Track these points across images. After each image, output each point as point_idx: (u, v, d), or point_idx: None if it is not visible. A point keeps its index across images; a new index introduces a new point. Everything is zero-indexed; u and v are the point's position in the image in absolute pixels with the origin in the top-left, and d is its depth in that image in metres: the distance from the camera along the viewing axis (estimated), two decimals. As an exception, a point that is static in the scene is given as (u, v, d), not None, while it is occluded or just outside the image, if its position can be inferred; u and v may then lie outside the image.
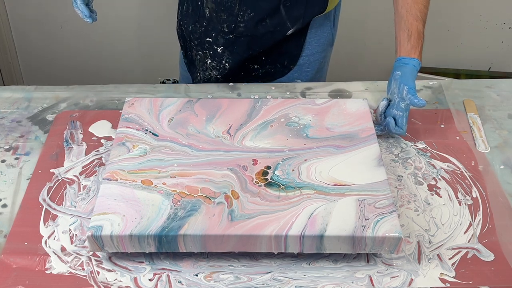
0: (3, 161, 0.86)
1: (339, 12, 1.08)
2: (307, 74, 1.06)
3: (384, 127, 0.89)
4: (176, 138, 0.81)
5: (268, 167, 0.77)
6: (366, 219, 0.70)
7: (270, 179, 0.75)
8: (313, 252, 0.71)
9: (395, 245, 0.69)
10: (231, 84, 1.02)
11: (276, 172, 0.76)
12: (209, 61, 1.03)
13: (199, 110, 0.86)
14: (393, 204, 0.72)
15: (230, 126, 0.84)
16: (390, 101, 0.89)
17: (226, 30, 0.99)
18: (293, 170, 0.77)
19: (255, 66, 1.05)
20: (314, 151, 0.80)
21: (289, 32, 0.99)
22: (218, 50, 1.01)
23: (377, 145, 0.80)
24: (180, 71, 1.20)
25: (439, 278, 0.71)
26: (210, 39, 1.01)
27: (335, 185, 0.74)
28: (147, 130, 0.83)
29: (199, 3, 1.01)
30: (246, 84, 1.02)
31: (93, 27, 1.70)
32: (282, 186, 0.74)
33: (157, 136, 0.82)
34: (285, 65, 1.05)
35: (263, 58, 1.04)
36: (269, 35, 0.99)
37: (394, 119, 0.87)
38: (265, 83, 1.03)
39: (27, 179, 0.83)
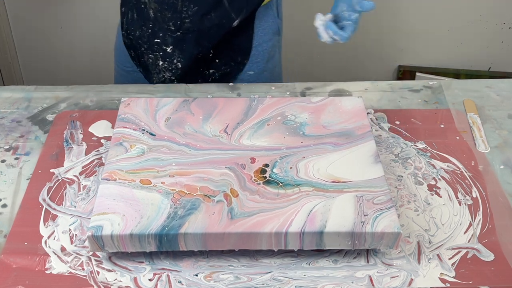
0: (3, 161, 0.86)
1: (281, 1, 1.09)
2: (258, 64, 1.07)
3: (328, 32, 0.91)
4: (173, 137, 0.82)
5: (266, 165, 0.77)
6: (365, 215, 0.70)
7: (269, 177, 0.75)
8: (313, 248, 0.71)
9: (394, 240, 0.69)
10: (231, 84, 1.02)
11: (275, 170, 0.76)
12: (160, 62, 1.03)
13: (196, 109, 0.87)
14: (391, 199, 0.72)
15: (227, 125, 0.84)
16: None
17: (173, 28, 0.99)
18: (291, 167, 0.77)
19: (211, 71, 1.05)
20: (311, 149, 0.80)
21: (235, 23, 0.99)
22: (168, 50, 1.01)
23: (373, 142, 0.81)
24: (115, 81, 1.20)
25: (439, 278, 0.71)
26: (159, 40, 1.01)
27: (333, 182, 0.75)
28: (144, 130, 0.83)
29: (142, 6, 1.01)
30: (246, 84, 1.03)
31: (93, 27, 1.70)
32: (280, 184, 0.74)
33: (154, 135, 0.82)
34: (239, 61, 1.05)
35: (217, 61, 1.04)
36: (215, 28, 0.99)
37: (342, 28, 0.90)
38: (265, 83, 1.03)
39: (27, 179, 0.83)
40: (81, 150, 0.88)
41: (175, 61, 1.02)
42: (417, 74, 1.77)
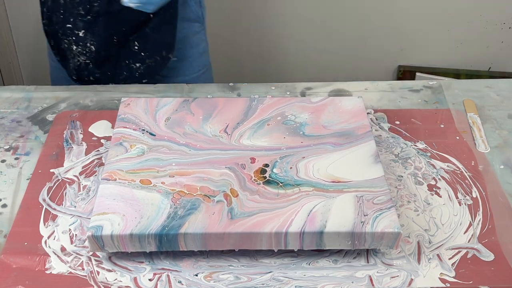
0: (3, 161, 0.86)
1: None
2: (180, 51, 1.10)
3: None
4: (173, 137, 0.82)
5: (266, 165, 0.77)
6: (365, 215, 0.70)
7: (269, 177, 0.76)
8: (313, 248, 0.71)
9: (394, 240, 0.70)
10: (231, 84, 1.02)
11: (274, 170, 0.76)
12: (74, 47, 1.05)
13: (196, 109, 0.87)
14: (391, 199, 0.72)
15: (227, 125, 0.84)
16: None
17: (83, 13, 1.01)
18: (291, 167, 0.77)
19: (137, 65, 1.07)
20: (311, 149, 0.80)
21: (151, 9, 1.01)
22: (80, 34, 1.03)
23: (373, 142, 0.81)
24: (51, 78, 1.23)
25: (439, 278, 0.71)
26: (70, 25, 1.03)
27: (333, 182, 0.75)
28: (144, 130, 0.83)
29: None
30: (246, 84, 1.03)
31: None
32: (280, 184, 0.74)
33: (154, 135, 0.82)
34: (163, 55, 1.07)
35: (143, 54, 1.06)
36: (126, 12, 1.00)
37: None
38: (265, 83, 1.03)
39: (27, 179, 0.83)
40: (81, 150, 0.88)
41: (88, 44, 1.04)
42: (417, 74, 1.77)
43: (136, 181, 0.74)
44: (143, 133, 0.82)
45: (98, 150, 0.88)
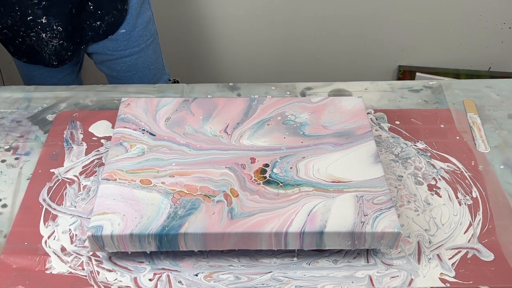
0: (3, 161, 0.86)
1: None
2: (129, 21, 1.13)
3: None
4: (173, 137, 0.82)
5: (266, 165, 0.77)
6: (365, 215, 0.70)
7: (269, 177, 0.76)
8: (313, 248, 0.71)
9: (394, 240, 0.70)
10: (231, 84, 1.02)
11: (275, 170, 0.76)
12: (43, 34, 1.08)
13: (196, 109, 0.87)
14: (391, 200, 0.72)
15: (227, 125, 0.84)
16: None
17: (36, 1, 1.04)
18: (291, 167, 0.77)
19: (98, 23, 1.10)
20: (311, 149, 0.80)
21: None
22: (44, 21, 1.06)
23: (374, 142, 0.81)
24: (22, 79, 1.25)
25: (439, 278, 0.71)
26: (31, 16, 1.05)
27: (333, 182, 0.75)
28: (144, 130, 0.83)
29: None
30: (246, 84, 1.03)
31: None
32: (280, 184, 0.74)
33: (154, 135, 0.82)
34: (119, 8, 1.10)
35: (99, 12, 1.09)
36: None
37: None
38: (265, 83, 1.03)
39: (27, 179, 0.83)
40: (81, 150, 0.88)
41: (54, 27, 1.07)
42: (417, 74, 1.77)
43: (136, 181, 0.74)
44: (143, 133, 0.82)
45: (98, 150, 0.88)
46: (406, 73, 1.79)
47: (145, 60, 1.20)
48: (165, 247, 0.70)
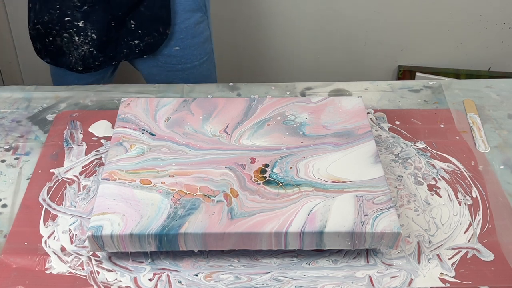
0: (3, 161, 0.86)
1: None
2: (183, 40, 1.13)
3: None
4: (173, 137, 0.82)
5: (266, 165, 0.77)
6: (365, 215, 0.70)
7: (269, 177, 0.76)
8: (313, 248, 0.71)
9: (394, 240, 0.70)
10: (231, 84, 1.02)
11: (274, 170, 0.76)
12: (76, 38, 1.08)
13: (196, 109, 0.87)
14: (391, 200, 0.72)
15: (227, 125, 0.84)
16: None
17: (79, 4, 1.04)
18: (291, 167, 0.77)
19: (136, 42, 1.10)
20: (311, 149, 0.80)
21: None
22: (80, 25, 1.06)
23: (374, 142, 0.81)
24: (52, 78, 1.25)
25: (439, 278, 0.71)
26: (69, 18, 1.06)
27: (333, 182, 0.75)
28: (144, 129, 0.83)
29: None
30: (246, 84, 1.03)
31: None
32: (280, 184, 0.74)
33: (154, 135, 0.82)
34: (161, 31, 1.10)
35: (140, 32, 1.09)
36: None
37: None
38: (265, 83, 1.03)
39: (27, 179, 0.83)
40: (81, 150, 0.88)
41: (89, 33, 1.07)
42: (417, 74, 1.77)
43: (136, 181, 0.74)
44: (143, 133, 0.82)
45: (98, 150, 0.88)
46: (406, 73, 1.79)
47: (196, 76, 1.20)
48: (165, 247, 0.70)
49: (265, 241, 0.70)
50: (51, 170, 0.84)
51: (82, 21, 1.05)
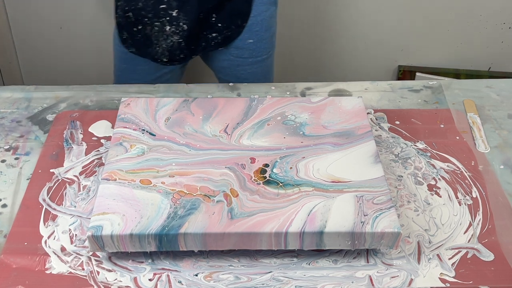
0: (3, 161, 0.86)
1: None
2: (257, 33, 1.15)
3: None
4: (173, 137, 0.82)
5: (266, 165, 0.77)
6: (365, 215, 0.70)
7: (269, 177, 0.76)
8: (313, 248, 0.71)
9: (394, 240, 0.70)
10: (231, 84, 1.02)
11: (274, 170, 0.76)
12: (168, 27, 1.08)
13: (196, 109, 0.87)
14: (391, 200, 0.72)
15: (227, 125, 0.84)
16: None
17: None
18: (291, 167, 0.77)
19: (214, 35, 1.12)
20: (311, 149, 0.80)
21: None
22: (174, 14, 1.07)
23: (374, 142, 0.81)
24: (118, 73, 1.25)
25: (439, 278, 0.71)
26: (164, 5, 1.07)
27: (333, 182, 0.75)
28: (144, 130, 0.83)
29: None
30: (246, 84, 1.03)
31: (93, 27, 1.70)
32: (280, 184, 0.74)
33: (154, 135, 0.82)
34: (238, 24, 1.11)
35: (219, 25, 1.10)
36: None
37: None
38: (265, 83, 1.03)
39: (27, 179, 0.83)
40: (81, 150, 0.88)
41: (181, 23, 1.08)
42: (417, 74, 1.77)
43: (136, 181, 0.74)
44: (143, 133, 0.82)
45: (98, 150, 0.88)
46: (406, 73, 1.79)
47: (264, 69, 1.22)
48: (165, 247, 0.70)
49: (265, 241, 0.70)
50: (51, 170, 0.84)
51: (176, 10, 1.06)
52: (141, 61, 1.17)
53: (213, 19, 1.09)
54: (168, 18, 1.07)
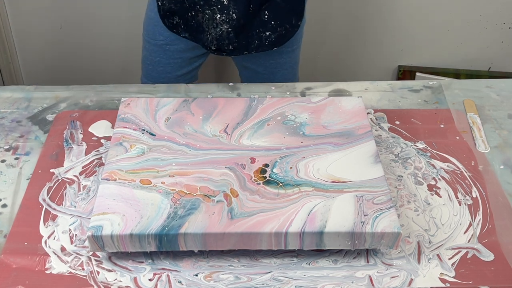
0: (3, 161, 0.86)
1: None
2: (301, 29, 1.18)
3: None
4: (173, 137, 0.82)
5: (266, 165, 0.77)
6: (365, 215, 0.70)
7: (269, 177, 0.76)
8: (313, 248, 0.71)
9: (394, 240, 0.70)
10: (231, 84, 1.02)
11: (274, 170, 0.76)
12: (218, 15, 1.09)
13: (196, 109, 0.87)
14: (391, 200, 0.72)
15: (227, 125, 0.84)
16: None
17: None
18: (291, 167, 0.77)
19: (268, 33, 1.12)
20: (311, 149, 0.80)
21: None
22: (225, 2, 1.07)
23: (374, 142, 0.81)
24: (148, 68, 1.26)
25: (439, 278, 0.71)
26: None
27: (333, 182, 0.75)
28: (144, 130, 0.83)
29: None
30: (246, 84, 1.03)
31: (93, 27, 1.71)
32: (280, 184, 0.74)
33: (154, 135, 0.82)
34: (293, 23, 1.12)
35: (273, 23, 1.10)
36: None
37: None
38: (264, 83, 1.03)
39: (27, 179, 0.83)
40: (81, 150, 0.88)
41: (231, 12, 1.08)
42: (417, 74, 1.77)
43: (136, 181, 0.74)
44: (143, 133, 0.82)
45: (98, 150, 0.88)
46: (406, 73, 1.79)
47: (292, 59, 1.23)
48: (165, 247, 0.70)
49: (265, 241, 0.70)
50: (51, 170, 0.84)
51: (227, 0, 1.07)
52: (173, 53, 1.18)
53: (266, 16, 1.10)
54: (219, 6, 1.08)
